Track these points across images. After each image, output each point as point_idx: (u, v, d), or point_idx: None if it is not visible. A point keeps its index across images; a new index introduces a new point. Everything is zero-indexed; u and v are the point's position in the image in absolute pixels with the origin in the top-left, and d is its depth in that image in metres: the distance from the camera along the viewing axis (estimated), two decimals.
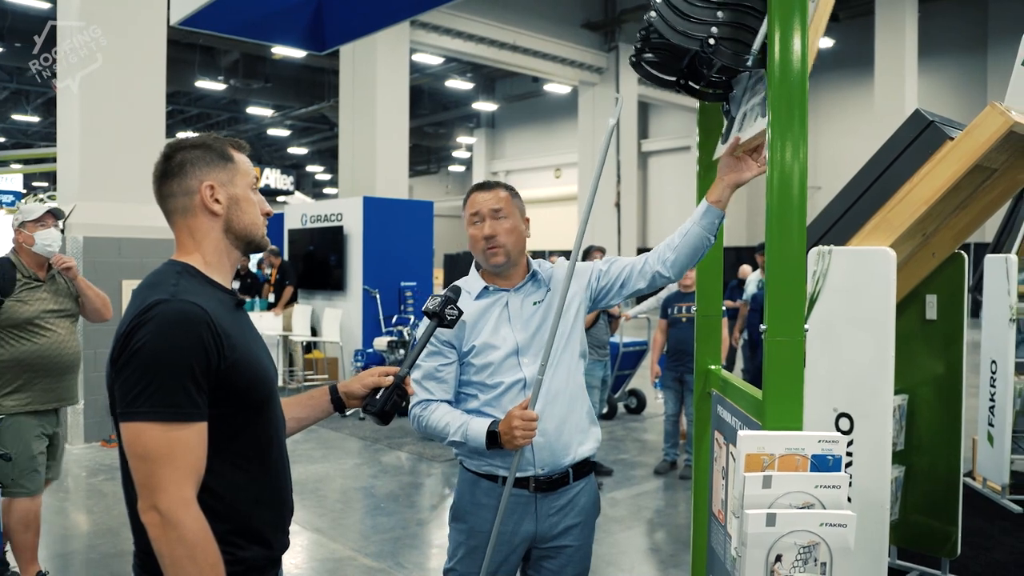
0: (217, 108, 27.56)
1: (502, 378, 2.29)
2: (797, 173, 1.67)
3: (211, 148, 1.67)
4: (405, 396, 1.85)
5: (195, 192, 1.64)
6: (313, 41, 11.74)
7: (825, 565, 1.60)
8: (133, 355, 1.46)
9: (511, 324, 2.32)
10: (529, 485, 2.29)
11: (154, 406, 1.44)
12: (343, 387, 1.90)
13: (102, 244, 7.12)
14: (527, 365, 2.30)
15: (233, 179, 1.67)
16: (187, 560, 1.44)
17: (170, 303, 1.49)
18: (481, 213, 2.33)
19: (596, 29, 20.78)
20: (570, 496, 2.36)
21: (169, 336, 1.46)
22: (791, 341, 1.69)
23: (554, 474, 2.31)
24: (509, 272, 2.38)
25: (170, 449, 1.44)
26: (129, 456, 1.48)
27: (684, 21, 1.90)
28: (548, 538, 2.34)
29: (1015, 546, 4.40)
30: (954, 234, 3.81)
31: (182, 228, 1.67)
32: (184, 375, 1.46)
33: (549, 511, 2.33)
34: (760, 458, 1.65)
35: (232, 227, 1.67)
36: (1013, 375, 5.02)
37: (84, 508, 5.39)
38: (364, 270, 9.54)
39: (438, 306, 2.04)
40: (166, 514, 1.43)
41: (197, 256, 1.65)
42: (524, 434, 2.17)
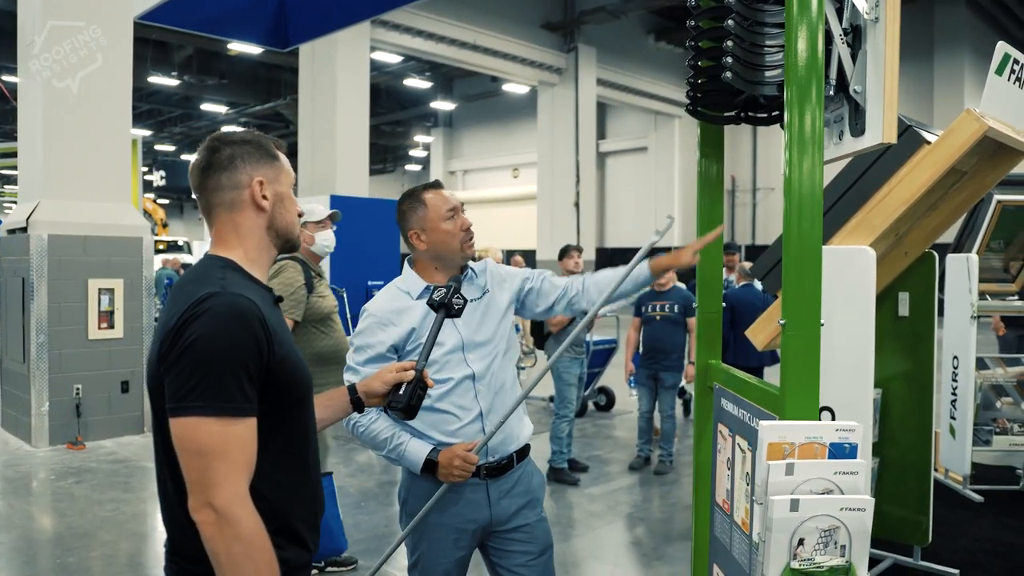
0: (170, 104, 27.09)
1: (451, 374, 2.37)
2: (814, 173, 1.76)
3: (260, 145, 1.68)
4: (426, 388, 1.89)
5: (245, 187, 1.65)
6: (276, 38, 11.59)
7: (844, 547, 1.69)
8: (186, 349, 1.44)
9: (454, 321, 2.38)
10: (480, 472, 2.38)
11: (209, 400, 1.43)
12: (362, 386, 1.91)
13: (67, 242, 6.99)
14: (473, 361, 2.40)
15: (279, 177, 1.69)
16: (244, 558, 1.42)
17: (222, 296, 1.48)
18: (456, 208, 2.46)
19: (556, 30, 20.89)
20: (516, 477, 2.47)
21: (223, 329, 1.45)
22: (808, 335, 1.77)
23: (503, 459, 2.42)
24: (448, 271, 2.48)
25: (225, 444, 1.43)
26: (181, 452, 1.45)
27: (757, 71, 2.00)
28: (504, 520, 2.43)
29: (979, 534, 4.58)
30: (925, 234, 3.95)
31: (226, 222, 1.66)
32: (238, 369, 1.45)
33: (500, 495, 2.42)
34: (781, 447, 1.73)
35: (275, 224, 1.68)
36: (974, 370, 5.22)
37: (55, 512, 5.30)
38: (331, 269, 9.48)
39: (445, 297, 2.06)
40: (223, 511, 1.41)
41: (239, 251, 1.65)
42: (461, 474, 2.29)
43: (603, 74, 21.80)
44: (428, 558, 2.41)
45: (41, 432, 6.89)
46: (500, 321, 2.50)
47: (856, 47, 1.94)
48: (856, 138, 1.97)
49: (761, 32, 2.01)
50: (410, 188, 2.55)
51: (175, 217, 44.41)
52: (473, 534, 2.42)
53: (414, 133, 32.32)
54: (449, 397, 2.37)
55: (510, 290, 2.58)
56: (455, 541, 2.40)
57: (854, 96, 1.93)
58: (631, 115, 26.55)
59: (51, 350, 6.93)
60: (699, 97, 2.33)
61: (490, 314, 2.48)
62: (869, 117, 1.91)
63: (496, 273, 2.59)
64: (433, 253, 2.46)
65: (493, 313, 2.50)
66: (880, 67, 1.86)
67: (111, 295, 7.21)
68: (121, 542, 4.71)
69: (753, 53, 2.00)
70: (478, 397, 2.39)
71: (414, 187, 2.53)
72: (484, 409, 2.39)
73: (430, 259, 2.48)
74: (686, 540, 4.74)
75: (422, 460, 2.32)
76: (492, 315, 2.49)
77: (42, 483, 5.96)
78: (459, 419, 2.37)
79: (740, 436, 2.19)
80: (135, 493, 5.67)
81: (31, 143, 7.29)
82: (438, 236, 2.44)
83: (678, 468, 6.24)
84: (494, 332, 2.47)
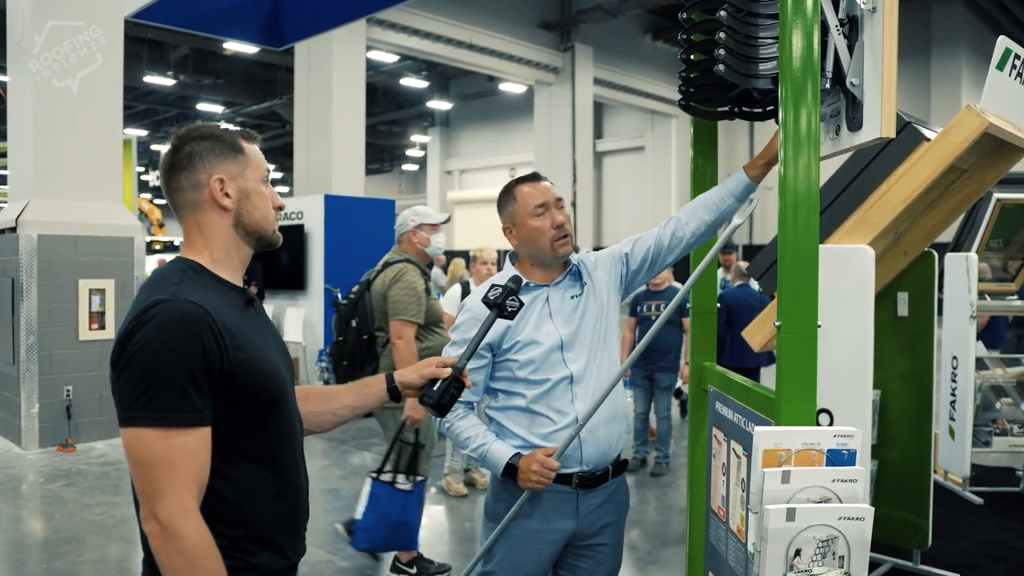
0: (166, 104, 27.00)
1: (548, 375, 2.26)
2: (811, 170, 1.69)
3: (220, 139, 1.61)
4: (462, 388, 1.80)
5: (204, 186, 1.58)
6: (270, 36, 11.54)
7: (843, 558, 1.62)
8: (131, 358, 1.42)
9: (553, 319, 2.29)
10: (572, 481, 2.27)
11: (153, 411, 1.40)
12: (399, 376, 1.85)
13: (57, 242, 6.92)
14: (572, 361, 2.28)
15: (244, 172, 1.61)
16: (187, 570, 1.40)
17: (169, 303, 1.44)
18: (548, 203, 2.32)
19: (552, 29, 20.82)
20: (609, 492, 2.36)
21: (167, 338, 1.41)
22: (805, 337, 1.71)
23: (597, 471, 2.30)
24: (546, 268, 2.36)
25: (169, 456, 1.40)
26: (129, 462, 1.43)
27: (751, 64, 1.93)
28: (587, 536, 2.33)
29: (980, 536, 4.52)
30: (924, 233, 3.90)
31: (191, 224, 1.61)
32: (184, 378, 1.41)
33: (589, 508, 2.31)
34: (777, 454, 1.67)
35: (242, 222, 1.61)
36: (973, 371, 5.16)
37: (43, 515, 5.23)
38: (326, 269, 9.42)
39: (499, 297, 1.93)
40: (165, 523, 1.39)
41: (205, 253, 1.60)
42: (539, 480, 2.18)
43: (600, 73, 21.74)
44: (505, 566, 2.31)
45: (31, 434, 6.82)
46: (603, 316, 2.35)
47: (853, 38, 1.87)
48: (854, 132, 1.90)
49: (755, 23, 1.95)
50: (512, 179, 2.41)
51: (171, 217, 44.32)
52: (558, 544, 2.31)
53: (411, 133, 32.25)
54: (545, 399, 2.26)
55: (605, 273, 2.40)
56: (538, 550, 2.29)
57: (851, 89, 1.87)
58: (628, 114, 26.49)
59: (41, 351, 6.85)
60: (692, 92, 2.26)
61: (590, 309, 2.34)
62: (867, 111, 1.84)
63: (587, 261, 2.42)
64: (525, 250, 2.35)
65: (593, 308, 2.35)
66: (878, 59, 1.79)
67: (102, 295, 7.14)
68: (110, 546, 4.65)
69: (746, 45, 1.94)
70: (575, 401, 2.27)
71: (514, 178, 2.41)
72: (580, 414, 2.24)
73: (526, 255, 2.38)
74: (682, 544, 4.67)
75: (503, 463, 2.22)
76: (593, 310, 2.34)
77: (31, 486, 5.89)
78: (554, 423, 2.26)
79: (735, 441, 2.12)
80: (125, 496, 5.59)
81: (20, 142, 7.22)
82: (526, 233, 2.32)
83: (674, 470, 6.18)
84: (594, 329, 2.33)
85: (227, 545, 1.50)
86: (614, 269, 2.42)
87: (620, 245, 2.46)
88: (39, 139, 6.95)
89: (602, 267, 2.42)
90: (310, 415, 1.79)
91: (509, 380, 2.30)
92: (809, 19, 1.67)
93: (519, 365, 2.27)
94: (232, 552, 1.51)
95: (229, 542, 1.50)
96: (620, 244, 2.46)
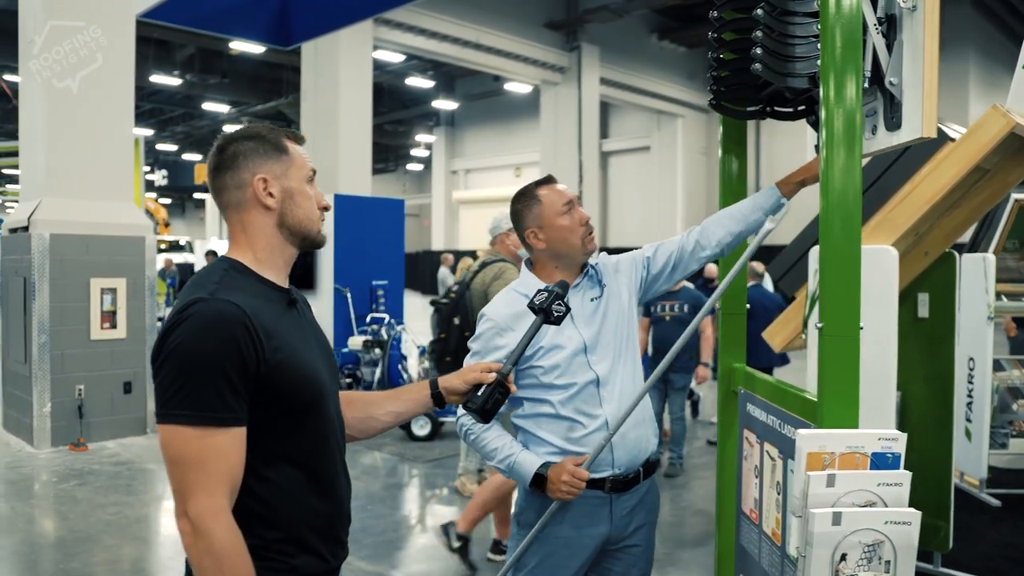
0: (172, 103, 27.03)
1: (574, 378, 2.24)
2: (853, 171, 1.68)
3: (265, 139, 1.61)
4: (507, 394, 1.78)
5: (247, 185, 1.59)
6: (279, 36, 11.47)
7: (889, 563, 1.60)
8: (168, 356, 1.43)
9: (574, 323, 2.28)
10: (605, 486, 2.25)
11: (186, 409, 1.41)
12: (443, 382, 1.83)
13: (69, 242, 6.91)
14: (597, 363, 2.26)
15: (287, 171, 1.61)
16: (215, 571, 1.40)
17: (207, 302, 1.44)
18: (572, 201, 2.32)
19: (558, 28, 20.80)
20: (640, 495, 2.35)
21: (203, 337, 1.42)
22: (847, 338, 1.69)
23: (629, 473, 2.29)
24: (570, 269, 2.35)
25: (202, 454, 1.40)
26: (164, 459, 1.44)
27: (788, 63, 1.92)
28: (620, 539, 2.31)
29: (999, 539, 4.50)
30: (946, 233, 3.87)
31: (235, 223, 1.61)
32: (218, 378, 1.41)
33: (622, 511, 2.30)
34: (821, 457, 1.65)
35: (286, 222, 1.61)
36: (991, 372, 5.13)
37: (58, 515, 5.22)
38: (335, 269, 9.41)
39: (546, 302, 1.89)
40: (196, 522, 1.39)
41: (248, 253, 1.60)
42: (569, 491, 2.15)
43: (606, 73, 21.70)
44: (540, 574, 2.28)
45: (43, 433, 6.80)
46: (624, 318, 2.35)
47: (891, 37, 1.85)
48: (892, 132, 1.88)
49: (792, 21, 1.93)
50: (523, 186, 2.40)
51: (176, 217, 44.37)
52: (592, 550, 2.28)
53: (416, 132, 32.25)
54: (573, 403, 2.24)
55: (626, 276, 2.40)
56: (571, 557, 2.26)
57: (890, 88, 1.85)
58: (634, 114, 26.44)
59: (53, 350, 6.85)
60: (722, 91, 2.25)
61: (611, 311, 2.33)
62: (906, 110, 1.82)
63: (608, 264, 2.42)
64: (552, 251, 2.33)
65: (615, 309, 2.34)
66: (919, 58, 1.77)
67: (113, 295, 7.13)
68: (124, 547, 4.64)
69: (783, 44, 1.92)
70: (603, 403, 2.25)
71: (527, 184, 2.39)
72: (609, 416, 2.24)
73: (549, 258, 2.35)
74: (700, 546, 4.66)
75: (531, 474, 2.20)
76: (614, 312, 2.33)
77: (44, 485, 5.89)
78: (584, 426, 2.24)
79: (769, 443, 2.11)
80: (138, 496, 5.59)
81: (32, 142, 7.21)
82: (556, 233, 2.30)
83: (688, 471, 6.16)
84: (616, 331, 2.32)
85: (264, 546, 1.49)
86: (634, 272, 2.41)
87: (643, 249, 2.45)
88: (51, 139, 6.94)
89: (623, 270, 2.41)
90: (353, 421, 1.78)
91: (535, 387, 2.28)
92: (852, 17, 1.66)
93: (544, 371, 2.25)
94: (270, 554, 1.50)
95: (266, 543, 1.50)
96: (643, 248, 2.46)
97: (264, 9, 10.09)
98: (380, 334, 8.10)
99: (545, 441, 2.26)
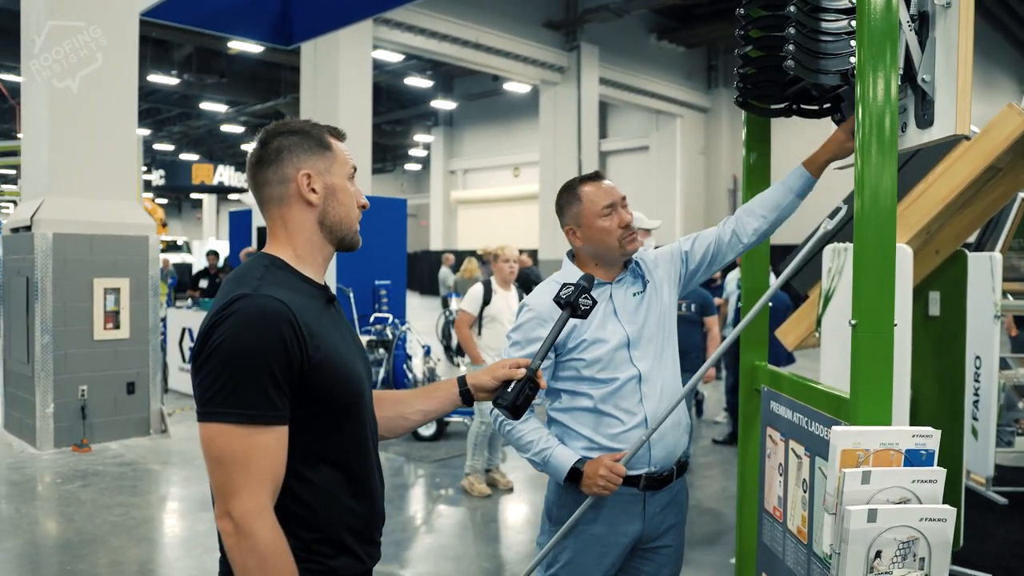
0: (169, 103, 26.94)
1: (616, 374, 2.23)
2: (888, 169, 1.67)
3: (309, 135, 1.59)
4: (537, 389, 1.76)
5: (291, 180, 1.56)
6: (280, 35, 11.44)
7: (924, 560, 1.60)
8: (212, 353, 1.39)
9: (618, 317, 2.27)
10: (639, 483, 2.24)
11: (231, 407, 1.38)
12: (472, 379, 1.82)
13: (73, 241, 6.89)
14: (639, 359, 2.26)
15: (331, 168, 1.59)
16: (258, 571, 1.37)
17: (252, 298, 1.41)
18: (615, 204, 2.29)
19: (558, 28, 20.79)
20: (673, 494, 2.34)
21: (248, 334, 1.38)
22: (881, 335, 1.68)
23: (664, 471, 2.28)
24: (609, 267, 2.34)
25: (245, 453, 1.38)
26: (205, 458, 1.41)
27: (820, 60, 1.91)
28: (652, 538, 2.31)
29: (1008, 537, 4.50)
30: (956, 232, 3.87)
31: (276, 218, 1.58)
32: (264, 375, 1.38)
33: (655, 509, 2.29)
34: (855, 454, 1.64)
35: (327, 219, 1.58)
36: (997, 371, 5.13)
37: (63, 517, 5.19)
38: (337, 269, 9.38)
39: (572, 296, 1.89)
40: (239, 521, 1.37)
41: (288, 249, 1.57)
42: (606, 486, 2.14)
43: (605, 73, 21.70)
44: (570, 570, 2.26)
45: (46, 434, 6.78)
46: (666, 315, 2.34)
47: (923, 35, 1.85)
48: (923, 130, 1.88)
49: (823, 18, 1.93)
50: (570, 180, 2.38)
51: (173, 217, 44.28)
52: (624, 548, 2.27)
53: (414, 132, 32.21)
54: (613, 399, 2.23)
55: (665, 271, 2.39)
56: (603, 555, 2.25)
57: (922, 86, 1.85)
58: (632, 114, 26.46)
59: (56, 351, 6.82)
60: (748, 89, 2.24)
61: (653, 307, 2.32)
62: (939, 108, 1.82)
63: (647, 259, 2.40)
64: (591, 250, 2.32)
65: (656, 305, 2.33)
66: (953, 55, 1.77)
67: (117, 295, 7.10)
68: (131, 548, 4.62)
69: (815, 40, 1.92)
70: (643, 400, 2.24)
71: (573, 178, 2.37)
72: (649, 414, 2.23)
73: (589, 255, 2.34)
74: (710, 544, 4.66)
75: (567, 469, 2.18)
76: (656, 308, 2.32)
77: (48, 487, 5.86)
78: (623, 423, 2.23)
79: (795, 441, 2.10)
80: (143, 497, 5.57)
81: (35, 141, 7.19)
82: (594, 234, 2.28)
83: (695, 470, 6.16)
84: (658, 328, 2.31)
85: (303, 547, 1.48)
86: (673, 267, 2.40)
87: (678, 243, 2.43)
88: (54, 138, 6.91)
89: (662, 265, 2.40)
90: (382, 420, 1.76)
91: (575, 380, 2.26)
92: (890, 15, 1.65)
93: (585, 364, 2.24)
94: (309, 555, 1.49)
95: (305, 544, 1.48)
96: (678, 242, 2.44)
97: (265, 8, 10.07)
98: (385, 334, 8.08)
99: (581, 435, 2.25)
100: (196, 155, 34.23)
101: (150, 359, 7.35)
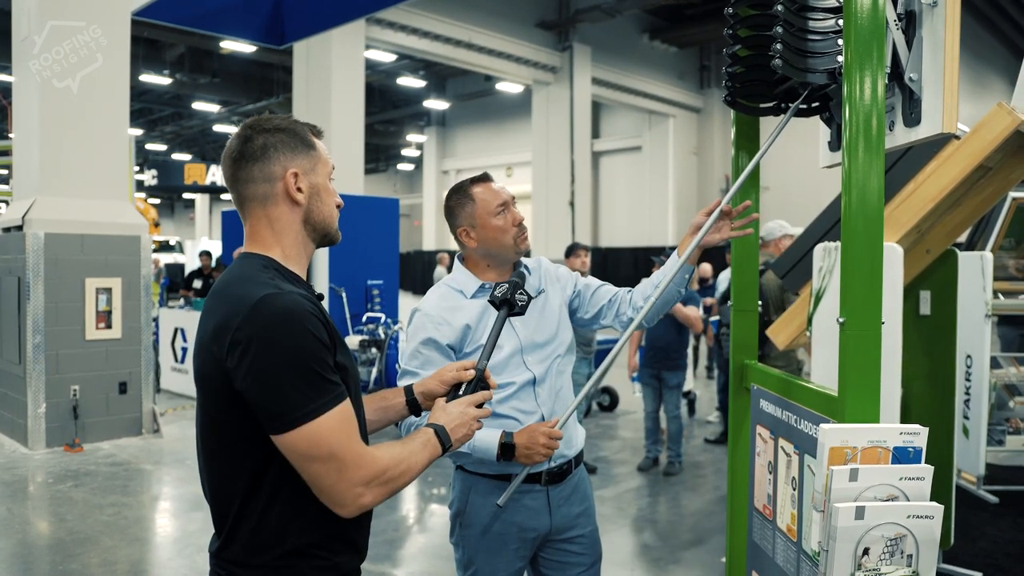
0: (161, 103, 26.89)
1: (511, 377, 2.28)
2: (875, 168, 1.68)
3: (295, 133, 1.57)
4: (487, 388, 1.77)
5: (278, 179, 1.54)
6: (272, 35, 11.44)
7: (911, 557, 1.61)
8: (271, 357, 1.37)
9: (511, 323, 2.28)
10: (541, 479, 2.31)
11: (314, 402, 1.38)
12: (420, 387, 1.82)
13: (64, 241, 6.87)
14: (533, 364, 2.32)
15: (315, 167, 1.58)
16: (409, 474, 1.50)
17: (279, 296, 1.40)
18: (507, 203, 2.34)
19: (550, 28, 20.82)
20: (574, 483, 2.41)
21: (292, 331, 1.38)
22: (869, 334, 1.69)
23: (563, 465, 2.35)
24: (501, 268, 2.38)
25: (343, 431, 1.41)
26: (310, 461, 1.39)
27: (808, 59, 1.92)
28: (563, 529, 2.36)
29: (998, 536, 4.52)
30: (947, 231, 3.89)
31: (260, 217, 1.56)
32: (317, 362, 1.40)
33: (559, 502, 2.35)
34: (843, 451, 1.65)
35: (311, 218, 1.58)
36: (988, 370, 5.16)
37: (55, 517, 5.18)
38: (330, 269, 9.39)
39: (507, 293, 1.91)
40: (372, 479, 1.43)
41: (276, 249, 1.55)
42: (547, 452, 2.17)
43: (598, 73, 21.74)
44: (484, 571, 2.31)
45: (38, 434, 6.76)
46: (558, 321, 2.41)
47: (910, 33, 1.86)
48: (910, 128, 1.89)
49: (811, 17, 1.93)
50: (458, 182, 2.41)
51: (166, 217, 44.16)
52: (532, 543, 2.34)
53: (407, 132, 32.20)
54: (510, 401, 2.28)
55: (563, 292, 2.47)
56: (515, 551, 2.31)
57: (909, 84, 1.85)
58: (625, 114, 26.50)
59: (48, 351, 6.80)
60: (737, 88, 2.25)
61: (547, 313, 2.38)
62: (926, 106, 1.83)
63: (551, 272, 2.48)
64: (484, 250, 2.35)
65: (550, 312, 2.40)
66: (939, 53, 1.77)
67: (109, 295, 7.08)
68: (123, 548, 4.60)
69: (802, 39, 1.92)
70: (539, 400, 2.31)
71: (461, 181, 2.40)
72: (546, 412, 2.31)
73: (481, 256, 2.37)
74: (701, 544, 4.67)
75: (496, 445, 2.18)
76: (549, 315, 2.39)
77: (40, 487, 5.84)
78: (520, 423, 2.27)
79: (784, 439, 2.11)
80: (135, 496, 5.56)
81: (26, 140, 7.16)
82: (489, 233, 2.32)
83: (687, 469, 6.17)
84: (553, 332, 2.38)
85: (315, 543, 1.49)
86: (569, 289, 2.50)
87: (587, 279, 2.54)
88: (45, 137, 6.89)
89: (562, 281, 2.49)
90: None
91: None
92: (877, 14, 1.65)
93: None
94: (320, 552, 1.49)
95: (317, 540, 1.49)
96: (589, 279, 2.54)
97: (257, 8, 10.07)
98: (377, 333, 8.08)
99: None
100: (188, 155, 34.14)
101: (142, 359, 7.33)
